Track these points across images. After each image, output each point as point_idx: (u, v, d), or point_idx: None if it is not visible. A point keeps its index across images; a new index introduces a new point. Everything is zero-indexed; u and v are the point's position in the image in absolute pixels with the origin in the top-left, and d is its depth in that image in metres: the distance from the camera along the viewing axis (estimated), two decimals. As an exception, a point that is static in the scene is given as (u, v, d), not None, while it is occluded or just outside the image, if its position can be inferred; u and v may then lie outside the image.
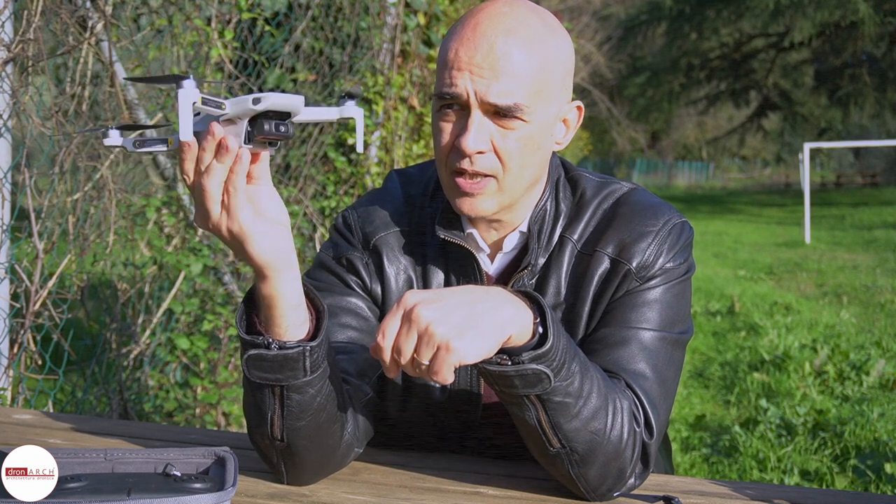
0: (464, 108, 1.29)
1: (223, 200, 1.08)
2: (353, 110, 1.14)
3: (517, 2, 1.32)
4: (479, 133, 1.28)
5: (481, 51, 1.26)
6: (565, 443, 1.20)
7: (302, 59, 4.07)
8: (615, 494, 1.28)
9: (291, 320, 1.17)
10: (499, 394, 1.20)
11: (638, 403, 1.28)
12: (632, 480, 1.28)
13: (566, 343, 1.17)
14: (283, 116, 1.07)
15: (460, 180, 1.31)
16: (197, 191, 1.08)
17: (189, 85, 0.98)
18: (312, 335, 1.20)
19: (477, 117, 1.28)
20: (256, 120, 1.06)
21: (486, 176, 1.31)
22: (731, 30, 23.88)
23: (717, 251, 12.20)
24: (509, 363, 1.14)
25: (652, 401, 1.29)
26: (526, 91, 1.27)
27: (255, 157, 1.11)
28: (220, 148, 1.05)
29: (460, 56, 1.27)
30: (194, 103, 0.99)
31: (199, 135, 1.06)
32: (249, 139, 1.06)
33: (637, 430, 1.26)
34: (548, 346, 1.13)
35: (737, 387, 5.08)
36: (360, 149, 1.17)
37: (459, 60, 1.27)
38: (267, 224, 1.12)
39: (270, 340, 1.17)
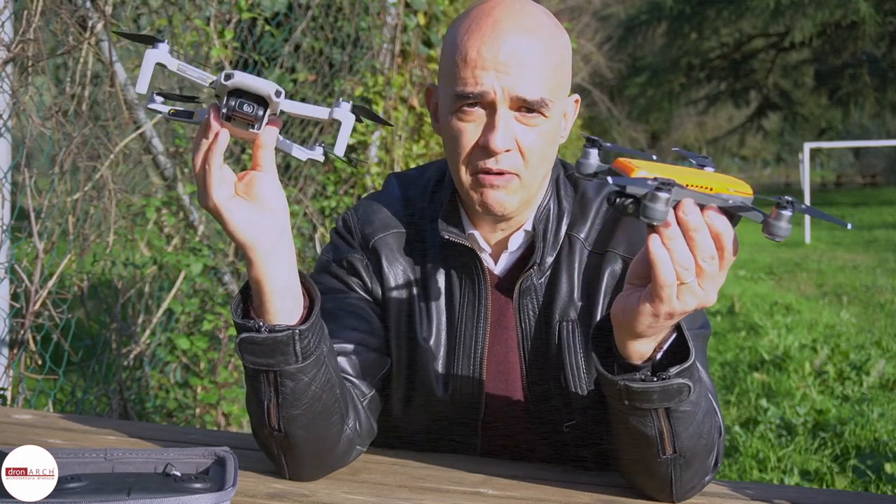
0: (486, 107, 1.30)
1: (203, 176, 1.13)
2: (343, 114, 1.13)
3: None
4: (507, 131, 1.29)
5: (506, 49, 1.27)
6: (679, 449, 1.18)
7: (302, 59, 4.07)
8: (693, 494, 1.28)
9: (280, 305, 1.18)
10: (619, 408, 1.16)
11: None
12: (708, 477, 1.28)
13: None
14: (260, 101, 1.10)
15: (484, 175, 1.31)
16: (193, 167, 1.15)
17: (163, 47, 1.16)
18: (304, 320, 1.21)
19: (503, 114, 1.29)
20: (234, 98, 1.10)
21: (510, 174, 1.31)
22: (731, 30, 23.84)
23: (717, 251, 12.17)
24: (654, 379, 1.11)
25: (716, 399, 1.31)
26: (548, 86, 1.30)
27: (257, 146, 1.14)
28: (207, 125, 1.11)
29: (483, 55, 1.28)
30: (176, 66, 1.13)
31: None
32: (228, 118, 1.11)
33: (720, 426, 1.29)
34: (692, 359, 1.11)
35: (737, 387, 5.08)
36: (338, 152, 1.15)
37: (483, 59, 1.28)
38: (247, 205, 1.14)
39: (261, 324, 1.18)
